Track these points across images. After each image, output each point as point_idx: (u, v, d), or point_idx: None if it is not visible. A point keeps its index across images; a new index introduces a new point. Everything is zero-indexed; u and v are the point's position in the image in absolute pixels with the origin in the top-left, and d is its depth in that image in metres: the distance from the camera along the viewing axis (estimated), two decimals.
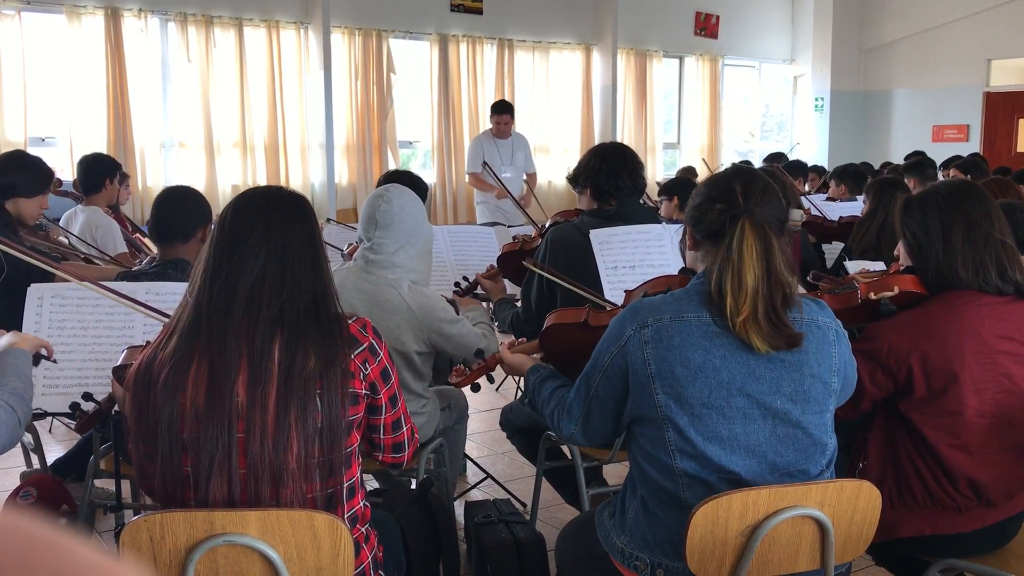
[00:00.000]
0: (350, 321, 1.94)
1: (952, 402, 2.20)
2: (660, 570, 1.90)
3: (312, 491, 1.84)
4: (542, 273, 2.93)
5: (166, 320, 2.01)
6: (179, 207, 3.03)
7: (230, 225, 1.89)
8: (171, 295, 2.60)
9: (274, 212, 1.90)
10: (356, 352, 1.91)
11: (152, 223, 3.11)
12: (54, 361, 2.41)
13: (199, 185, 8.76)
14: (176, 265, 2.93)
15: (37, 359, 2.31)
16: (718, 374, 1.83)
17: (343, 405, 1.85)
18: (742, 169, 2.01)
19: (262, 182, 8.88)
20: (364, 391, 1.93)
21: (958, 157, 7.59)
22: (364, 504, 2.01)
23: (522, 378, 2.38)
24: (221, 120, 8.85)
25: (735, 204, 1.88)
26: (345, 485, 1.90)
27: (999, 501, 2.26)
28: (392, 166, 9.50)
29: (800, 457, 1.88)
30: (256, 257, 1.85)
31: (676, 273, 2.36)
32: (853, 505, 1.81)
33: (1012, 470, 2.27)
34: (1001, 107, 12.74)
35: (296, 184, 9.15)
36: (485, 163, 6.17)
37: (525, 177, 7.48)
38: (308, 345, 1.83)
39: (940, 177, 6.66)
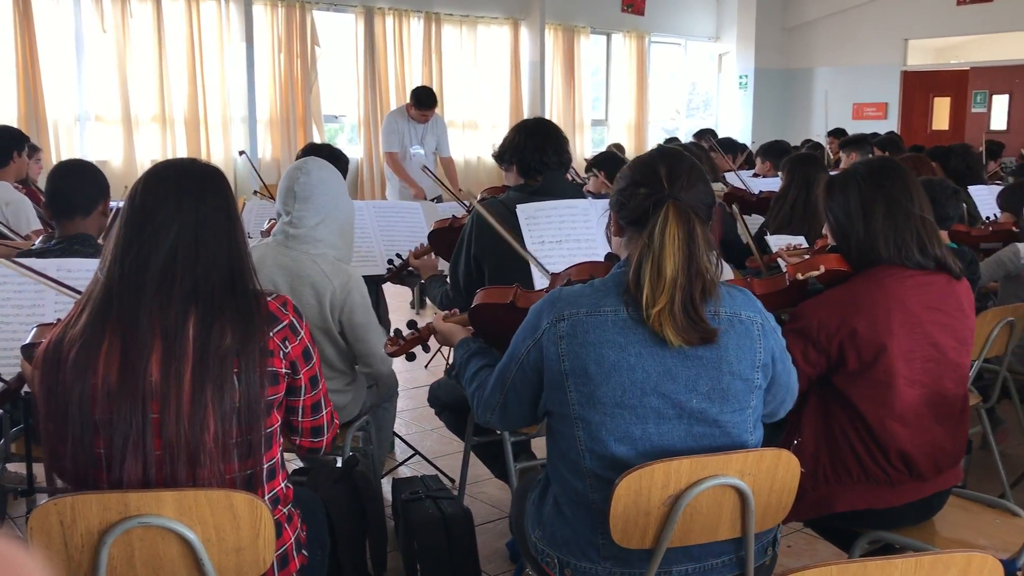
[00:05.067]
0: (269, 298, 1.90)
1: (883, 372, 2.24)
2: (568, 570, 1.87)
3: (231, 471, 1.80)
4: (485, 215, 2.85)
5: (79, 297, 1.94)
6: (76, 180, 2.95)
7: (141, 199, 1.83)
8: (84, 271, 2.51)
9: (186, 185, 1.84)
10: (275, 330, 1.86)
11: (49, 198, 3.00)
12: None
13: (117, 160, 8.51)
14: (81, 240, 2.85)
15: None
16: (632, 373, 1.77)
17: (262, 384, 1.81)
18: (668, 151, 1.95)
19: (183, 156, 8.65)
20: (284, 370, 1.89)
21: (875, 135, 7.77)
22: (286, 485, 1.98)
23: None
24: (139, 93, 8.60)
25: (660, 189, 1.81)
26: (265, 466, 1.87)
27: (929, 475, 2.31)
28: (317, 140, 9.34)
29: None
30: (168, 231, 1.79)
31: (602, 255, 2.36)
32: (772, 474, 1.84)
33: (942, 444, 2.33)
34: (917, 86, 13.10)
35: (218, 158, 8.94)
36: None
37: (437, 158, 7.41)
38: (224, 322, 1.79)
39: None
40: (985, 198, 4.76)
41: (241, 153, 6.08)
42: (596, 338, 1.78)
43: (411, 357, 2.51)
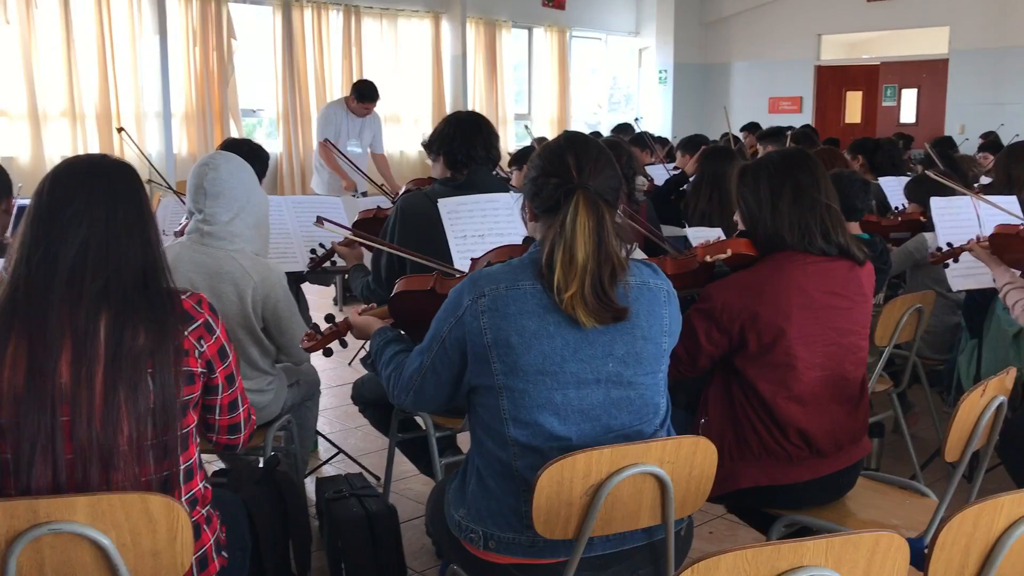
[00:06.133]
0: (183, 296, 1.86)
1: (782, 354, 2.32)
2: (492, 541, 1.91)
3: (146, 474, 1.76)
4: (383, 247, 2.89)
5: None
6: None
7: (48, 196, 1.77)
8: None
9: (96, 181, 1.78)
10: (190, 329, 1.83)
11: None
12: None
13: (24, 156, 8.22)
14: None
15: None
16: (552, 340, 1.84)
17: (177, 384, 1.78)
18: (575, 138, 1.99)
19: (94, 152, 8.39)
20: (200, 369, 1.85)
21: (790, 128, 7.94)
22: (204, 486, 1.95)
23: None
24: (46, 87, 8.30)
25: (569, 178, 1.87)
26: (182, 467, 1.83)
27: (829, 451, 2.40)
28: (235, 135, 9.16)
29: (634, 419, 1.93)
30: (77, 229, 1.74)
31: (521, 243, 2.38)
32: (691, 461, 1.87)
33: (842, 422, 2.42)
34: (831, 80, 13.45)
35: (131, 154, 8.70)
36: (332, 145, 6.02)
37: (371, 154, 7.37)
38: (137, 321, 1.74)
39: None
40: (896, 189, 4.91)
41: (120, 130, 5.90)
42: (516, 310, 1.84)
43: (328, 353, 2.50)
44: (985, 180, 5.45)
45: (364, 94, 7.01)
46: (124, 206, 1.79)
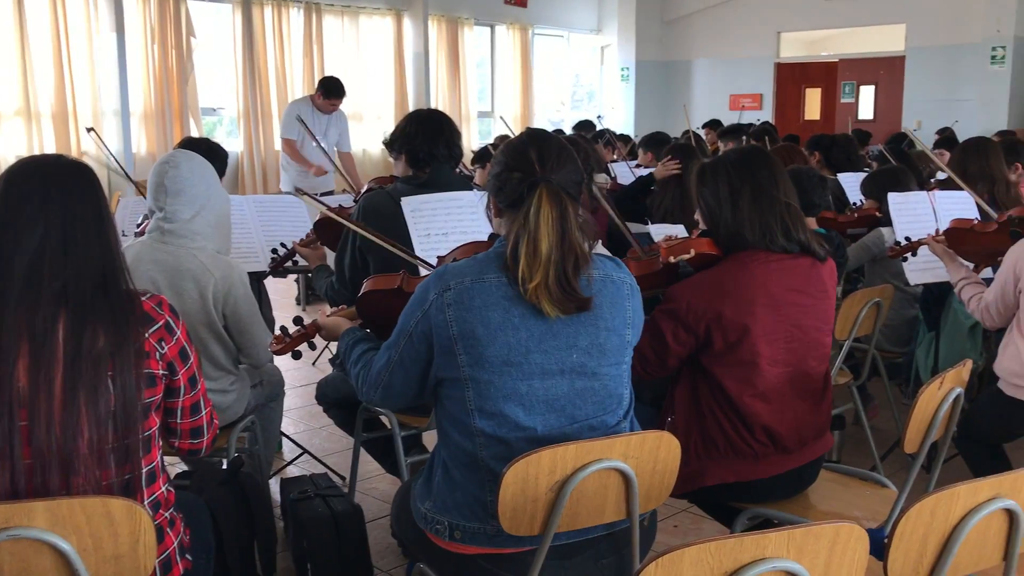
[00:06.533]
0: (144, 298, 1.84)
1: (747, 352, 2.34)
2: (458, 531, 1.93)
3: (107, 478, 1.74)
4: (357, 229, 2.86)
5: None
6: None
7: (3, 197, 1.75)
8: None
9: (52, 182, 1.76)
10: (151, 330, 1.81)
11: None
12: None
13: None
14: None
15: None
16: (517, 332, 1.87)
17: (138, 387, 1.76)
18: (537, 134, 2.03)
19: (51, 152, 8.26)
20: (161, 371, 1.84)
21: (751, 125, 8.02)
22: (167, 488, 1.93)
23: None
24: (0, 85, 8.16)
25: (532, 172, 1.91)
26: (144, 470, 1.81)
27: (793, 447, 2.42)
28: (195, 134, 9.06)
29: (599, 409, 1.95)
30: (33, 231, 1.71)
31: (486, 240, 2.39)
32: (655, 456, 1.89)
33: (805, 418, 2.44)
34: (790, 77, 13.60)
35: (90, 154, 8.58)
36: (302, 122, 5.98)
37: (337, 152, 7.35)
38: (96, 324, 1.72)
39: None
40: (853, 185, 4.98)
41: (89, 130, 5.84)
42: (481, 302, 1.87)
43: (297, 355, 2.48)
44: (941, 176, 5.54)
45: (330, 90, 6.97)
46: (81, 207, 1.77)
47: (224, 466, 2.78)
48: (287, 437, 4.11)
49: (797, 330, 2.40)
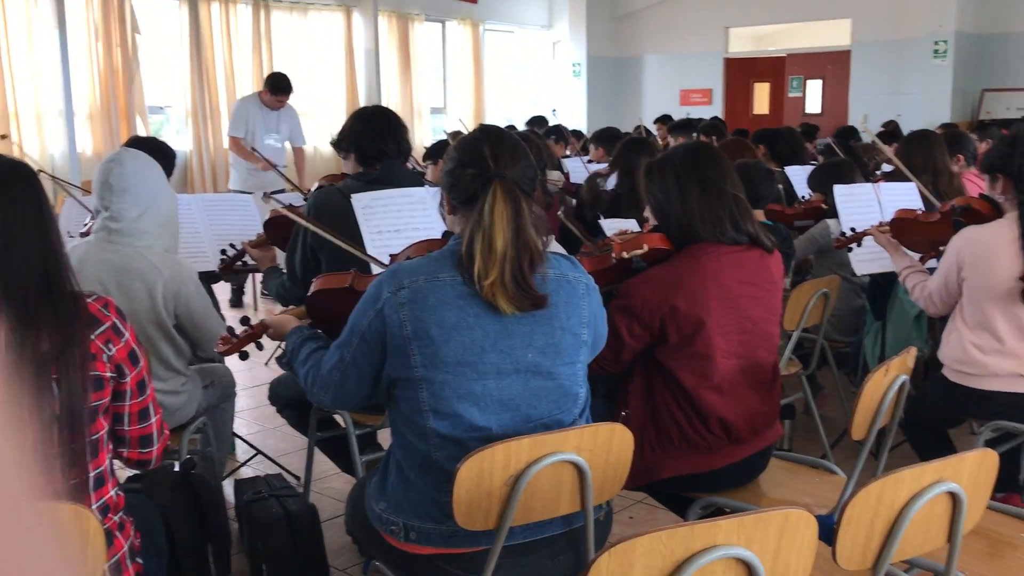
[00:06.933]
0: (89, 299, 1.81)
1: (702, 345, 2.37)
2: (413, 532, 1.92)
3: (53, 483, 1.71)
4: (308, 226, 2.84)
5: None
6: None
7: None
8: None
9: None
10: (97, 332, 1.78)
11: None
12: None
13: None
14: None
15: None
16: (472, 332, 1.86)
17: (84, 390, 1.73)
18: (490, 130, 2.04)
19: None
20: (109, 374, 1.80)
21: (701, 120, 8.10)
22: (116, 492, 1.90)
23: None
24: None
25: (486, 168, 1.90)
26: (92, 474, 1.79)
27: (746, 437, 2.46)
28: (142, 133, 8.91)
29: (554, 408, 1.95)
30: None
31: (440, 237, 2.38)
32: (608, 447, 1.90)
33: (756, 408, 2.48)
34: (739, 72, 13.75)
35: (32, 155, 8.39)
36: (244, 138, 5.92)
37: (290, 148, 7.29)
38: (40, 326, 1.69)
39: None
40: (801, 178, 5.05)
41: (3, 137, 5.75)
42: (436, 301, 1.85)
43: (244, 356, 2.45)
44: (887, 168, 5.65)
45: (278, 86, 6.91)
46: (22, 207, 1.74)
47: (176, 468, 2.75)
48: (240, 438, 4.07)
49: (748, 322, 2.44)
